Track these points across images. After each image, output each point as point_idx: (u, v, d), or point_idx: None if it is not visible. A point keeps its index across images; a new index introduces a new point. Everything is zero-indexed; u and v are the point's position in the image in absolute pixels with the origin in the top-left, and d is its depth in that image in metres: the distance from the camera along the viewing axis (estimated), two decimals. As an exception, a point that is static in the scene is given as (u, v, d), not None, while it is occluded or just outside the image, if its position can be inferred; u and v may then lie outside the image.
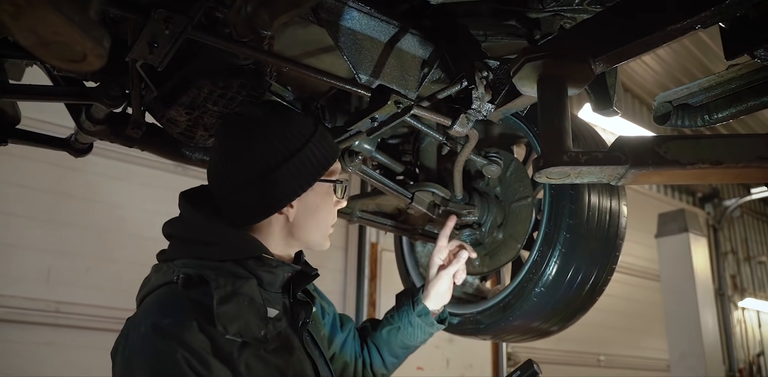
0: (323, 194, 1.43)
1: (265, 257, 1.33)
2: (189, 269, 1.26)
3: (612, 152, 1.17)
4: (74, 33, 0.84)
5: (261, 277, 1.32)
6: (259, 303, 1.27)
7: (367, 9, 1.62)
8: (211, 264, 1.28)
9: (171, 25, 1.21)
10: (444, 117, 1.57)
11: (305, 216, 1.40)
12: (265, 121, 1.37)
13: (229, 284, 1.23)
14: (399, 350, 1.75)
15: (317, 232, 1.44)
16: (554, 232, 1.77)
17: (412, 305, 1.74)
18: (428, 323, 1.74)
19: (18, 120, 1.75)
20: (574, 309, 1.85)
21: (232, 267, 1.29)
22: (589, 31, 1.35)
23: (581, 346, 8.72)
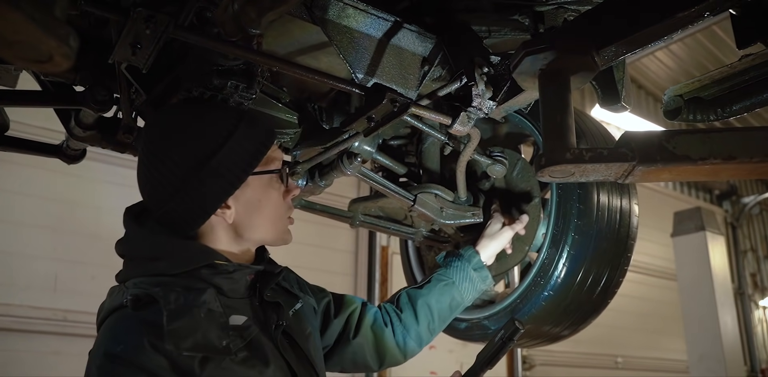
0: (263, 187, 1.33)
1: (218, 264, 1.27)
2: (137, 290, 1.20)
3: (618, 149, 1.11)
4: (36, 31, 0.80)
5: (219, 285, 1.27)
6: (219, 312, 1.20)
7: (364, 6, 1.57)
8: (163, 280, 1.23)
9: (152, 24, 1.16)
10: (444, 116, 1.52)
11: (248, 214, 1.32)
12: (179, 121, 1.29)
13: (181, 298, 1.18)
14: (448, 310, 1.72)
15: (268, 229, 1.37)
16: (562, 233, 1.71)
17: (468, 258, 1.75)
18: (484, 276, 1.75)
19: (7, 127, 1.72)
20: (586, 313, 1.79)
21: (187, 280, 1.24)
22: (592, 21, 1.29)
23: (598, 348, 8.61)
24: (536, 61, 1.23)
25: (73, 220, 4.53)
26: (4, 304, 4.27)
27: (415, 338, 1.69)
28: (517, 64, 1.25)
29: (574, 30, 1.32)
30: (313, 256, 5.93)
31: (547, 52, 1.19)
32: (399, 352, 1.68)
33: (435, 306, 1.70)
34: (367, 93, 1.46)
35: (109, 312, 1.22)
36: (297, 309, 1.44)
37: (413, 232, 2.16)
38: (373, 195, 2.12)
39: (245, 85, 1.43)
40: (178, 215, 1.26)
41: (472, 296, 1.75)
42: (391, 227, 2.18)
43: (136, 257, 1.30)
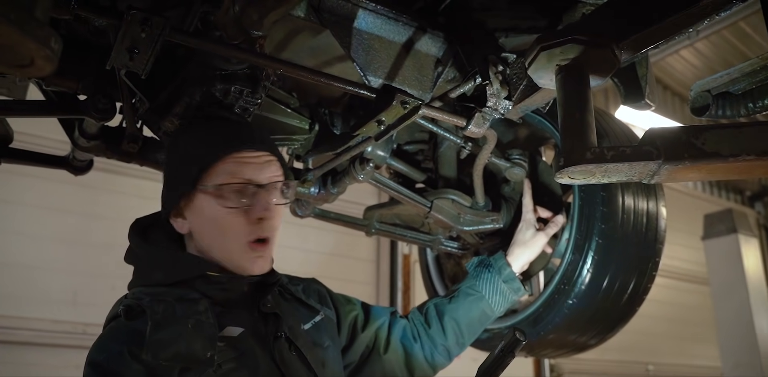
0: (211, 204, 1.24)
1: (211, 275, 1.26)
2: (131, 301, 1.21)
3: (642, 147, 1.03)
4: (12, 33, 0.76)
5: (213, 296, 1.25)
6: (209, 323, 1.18)
7: (374, 6, 1.52)
8: (158, 290, 1.23)
9: (148, 27, 1.12)
10: (458, 117, 1.45)
11: (203, 234, 1.28)
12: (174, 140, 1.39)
13: (170, 308, 1.18)
14: (478, 323, 1.67)
15: (221, 252, 1.27)
16: (586, 238, 1.63)
17: (498, 270, 1.68)
18: (515, 288, 1.69)
19: (10, 139, 1.69)
20: (612, 321, 1.71)
21: (182, 290, 1.24)
22: (611, 13, 1.22)
23: (628, 355, 8.42)
24: (553, 57, 1.16)
25: (90, 232, 4.52)
26: (24, 318, 4.28)
27: (442, 352, 1.64)
28: (533, 60, 1.19)
29: (592, 23, 1.25)
30: (334, 265, 5.89)
31: (564, 46, 1.12)
32: (428, 366, 1.63)
33: (463, 320, 1.65)
34: (376, 95, 1.40)
35: (107, 321, 1.25)
36: (317, 322, 1.41)
37: (431, 239, 2.09)
38: (388, 202, 2.06)
39: (250, 89, 1.39)
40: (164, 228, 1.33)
41: (504, 308, 1.70)
42: (408, 234, 2.11)
43: (137, 268, 1.33)
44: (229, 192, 1.24)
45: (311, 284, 1.55)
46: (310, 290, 1.52)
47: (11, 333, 4.21)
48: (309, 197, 1.84)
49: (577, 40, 1.12)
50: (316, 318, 1.42)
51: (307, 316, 1.41)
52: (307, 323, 1.39)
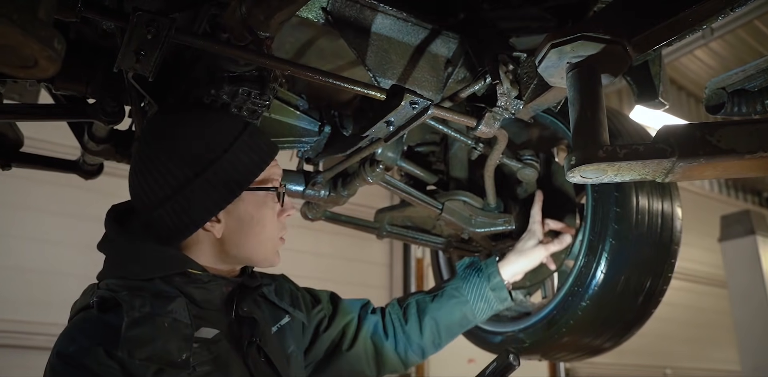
0: (258, 204, 1.27)
1: (192, 273, 1.22)
2: (105, 292, 1.16)
3: (656, 144, 1.01)
4: (16, 33, 0.76)
5: (192, 294, 1.22)
6: (185, 323, 1.14)
7: (383, 7, 1.51)
8: (134, 284, 1.18)
9: (154, 29, 1.11)
10: (468, 117, 1.43)
11: (238, 231, 1.26)
12: (180, 125, 1.25)
13: (147, 305, 1.13)
14: (457, 327, 1.65)
15: (257, 248, 1.29)
16: (599, 239, 1.60)
17: (488, 277, 1.64)
18: (501, 298, 1.65)
19: (21, 143, 1.70)
20: (628, 323, 1.68)
21: (160, 285, 1.19)
22: (622, 9, 1.20)
23: (645, 359, 8.34)
24: (563, 54, 1.14)
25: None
26: (41, 323, 4.31)
27: (416, 351, 1.62)
28: (543, 58, 1.17)
29: (603, 19, 1.23)
30: (347, 269, 5.88)
31: (574, 43, 1.11)
32: (399, 362, 1.61)
33: (443, 322, 1.62)
34: (385, 96, 1.39)
35: (76, 311, 1.20)
36: (282, 325, 1.39)
37: (442, 242, 2.07)
38: (399, 204, 2.05)
39: (258, 91, 1.38)
40: (165, 224, 1.22)
41: (487, 315, 1.66)
42: (419, 237, 2.09)
43: (112, 258, 1.27)
44: (272, 196, 1.30)
45: (283, 283, 1.52)
46: (283, 290, 1.49)
47: (28, 338, 4.24)
48: (319, 199, 1.83)
49: (588, 37, 1.10)
50: (282, 320, 1.40)
51: (275, 318, 1.39)
52: (273, 326, 1.38)
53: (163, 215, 1.21)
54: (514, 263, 1.68)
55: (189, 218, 1.21)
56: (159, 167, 1.20)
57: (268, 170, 1.29)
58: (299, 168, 1.84)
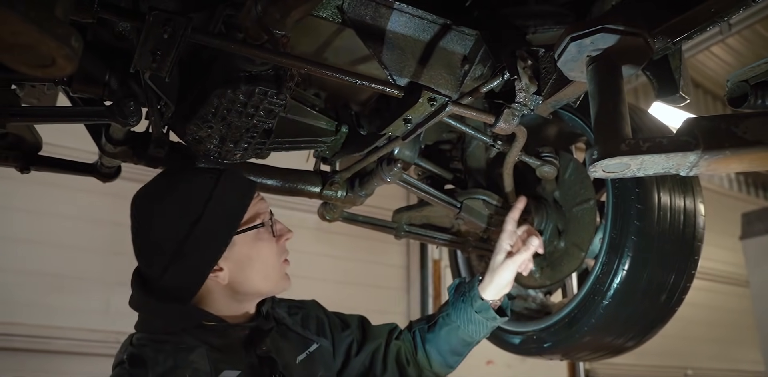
0: (251, 243, 1.37)
1: (207, 325, 1.33)
2: (134, 349, 1.29)
3: (680, 137, 0.99)
4: (33, 31, 0.76)
5: (211, 342, 1.32)
6: (205, 371, 1.26)
7: (399, 5, 1.50)
8: (159, 337, 1.30)
9: (170, 28, 1.11)
10: (486, 114, 1.42)
11: (241, 272, 1.36)
12: (158, 197, 1.35)
13: (170, 358, 1.25)
14: (461, 348, 1.67)
15: (264, 281, 1.40)
16: (621, 237, 1.58)
17: (471, 301, 1.64)
18: (489, 317, 1.64)
19: (39, 147, 1.71)
20: (651, 322, 1.66)
21: (182, 337, 1.30)
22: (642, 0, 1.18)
23: (666, 360, 8.25)
24: (583, 47, 1.13)
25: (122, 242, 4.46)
26: (59, 327, 4.34)
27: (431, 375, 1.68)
28: (562, 52, 1.15)
29: (623, 11, 1.21)
30: (364, 272, 5.87)
31: (594, 35, 1.09)
32: None
33: (444, 348, 1.66)
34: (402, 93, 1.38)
35: (114, 365, 1.32)
36: (312, 351, 1.49)
37: (461, 241, 2.05)
38: (417, 204, 2.03)
39: (274, 91, 1.37)
40: (175, 285, 1.33)
41: (484, 334, 1.67)
42: (437, 237, 2.08)
43: (141, 314, 1.37)
44: (267, 228, 1.40)
45: (311, 310, 1.61)
46: (309, 318, 1.58)
47: (47, 342, 4.27)
48: (337, 200, 1.82)
49: (608, 29, 1.09)
50: (311, 347, 1.49)
51: (302, 347, 1.48)
52: (301, 353, 1.47)
53: (169, 280, 1.32)
54: (491, 283, 1.64)
55: (192, 277, 1.33)
56: (148, 243, 1.34)
57: (252, 207, 1.38)
58: (316, 168, 1.83)
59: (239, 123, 1.45)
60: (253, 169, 1.71)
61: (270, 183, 1.73)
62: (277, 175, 1.74)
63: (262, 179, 1.71)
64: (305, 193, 1.78)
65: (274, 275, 1.41)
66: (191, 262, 1.30)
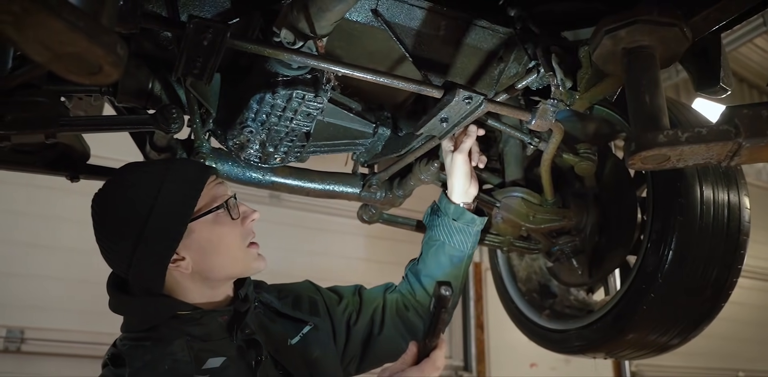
0: (210, 227, 1.33)
1: (182, 315, 1.32)
2: (114, 348, 1.30)
3: (720, 126, 0.98)
4: (81, 39, 0.78)
5: (191, 332, 1.30)
6: (186, 361, 1.25)
7: (429, 5, 1.51)
8: (138, 335, 1.30)
9: (209, 35, 1.15)
10: (522, 111, 1.42)
11: (206, 258, 1.33)
12: (111, 193, 1.34)
13: (148, 353, 1.25)
14: (454, 267, 1.62)
15: (231, 264, 1.36)
16: (663, 232, 1.56)
17: (444, 211, 1.62)
18: (468, 221, 1.60)
19: (87, 156, 1.76)
20: (696, 318, 1.64)
21: (162, 331, 1.30)
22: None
23: (716, 362, 8.04)
24: (618, 40, 1.13)
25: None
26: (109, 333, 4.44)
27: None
28: (597, 46, 1.15)
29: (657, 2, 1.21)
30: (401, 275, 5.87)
31: (629, 27, 1.09)
32: None
33: (437, 272, 1.62)
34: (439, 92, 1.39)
35: (102, 366, 1.32)
36: (305, 333, 1.46)
37: (501, 240, 2.05)
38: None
39: (312, 94, 1.39)
40: (142, 280, 1.32)
41: (472, 241, 1.62)
42: (477, 236, 2.08)
43: (121, 314, 1.36)
44: (223, 213, 1.34)
45: (302, 291, 1.58)
46: (301, 299, 1.55)
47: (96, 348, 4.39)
48: (376, 201, 1.84)
49: (643, 21, 1.08)
50: (303, 329, 1.46)
51: (294, 329, 1.46)
52: (294, 336, 1.44)
53: (135, 275, 1.30)
54: (453, 185, 1.62)
55: (153, 270, 1.30)
56: (108, 241, 1.32)
57: (207, 192, 1.34)
58: (354, 170, 1.85)
59: (278, 127, 1.48)
60: (293, 172, 1.73)
61: (310, 187, 1.75)
62: (316, 178, 1.76)
63: (303, 182, 1.74)
64: (344, 195, 1.80)
65: (241, 258, 1.37)
66: (149, 254, 1.28)
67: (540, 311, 2.12)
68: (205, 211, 1.32)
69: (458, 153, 1.61)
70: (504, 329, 4.68)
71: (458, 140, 1.62)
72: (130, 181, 1.33)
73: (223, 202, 1.34)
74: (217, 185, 1.37)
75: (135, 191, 1.30)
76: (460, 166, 1.61)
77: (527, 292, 2.25)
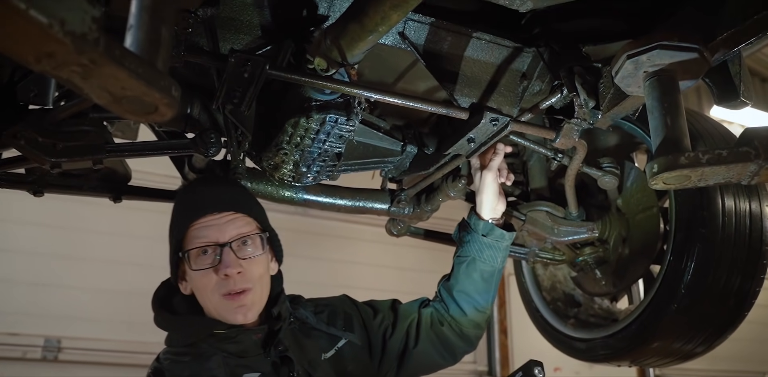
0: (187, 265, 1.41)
1: (218, 333, 1.40)
2: (157, 363, 1.40)
3: (739, 148, 1.03)
4: (141, 86, 0.85)
5: (227, 349, 1.39)
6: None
7: (456, 27, 1.56)
8: (179, 350, 1.40)
9: (249, 67, 1.21)
10: (546, 130, 1.47)
11: (194, 290, 1.43)
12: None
13: (187, 369, 1.34)
14: (485, 282, 1.65)
15: (211, 307, 1.41)
16: (685, 243, 1.60)
17: (474, 228, 1.66)
18: (498, 236, 1.64)
19: (129, 178, 1.84)
20: (719, 327, 1.66)
21: (201, 347, 1.39)
22: (698, 13, 1.22)
23: (742, 365, 7.96)
24: (639, 64, 1.17)
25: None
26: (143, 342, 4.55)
27: (470, 326, 1.66)
28: (620, 69, 1.20)
29: (677, 26, 1.25)
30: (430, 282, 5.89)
31: (650, 52, 1.13)
32: (463, 343, 1.67)
33: (470, 288, 1.65)
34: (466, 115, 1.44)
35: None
36: (340, 347, 1.52)
37: (526, 252, 2.10)
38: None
39: (344, 117, 1.45)
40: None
41: (502, 256, 1.66)
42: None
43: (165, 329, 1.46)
44: (195, 256, 1.39)
45: (338, 306, 1.63)
46: (336, 314, 1.60)
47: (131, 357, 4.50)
48: (404, 216, 1.89)
49: (664, 46, 1.12)
50: (338, 343, 1.53)
51: (329, 344, 1.52)
52: (329, 351, 1.51)
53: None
54: (482, 202, 1.67)
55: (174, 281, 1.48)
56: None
57: (194, 232, 1.40)
58: (383, 187, 1.91)
59: (312, 148, 1.54)
60: (324, 190, 1.80)
61: (340, 203, 1.81)
62: (347, 195, 1.82)
63: (334, 199, 1.80)
64: (374, 211, 1.85)
65: (213, 306, 1.40)
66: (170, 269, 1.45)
67: (565, 320, 2.16)
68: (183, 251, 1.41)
69: (487, 171, 1.66)
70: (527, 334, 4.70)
71: (486, 158, 1.67)
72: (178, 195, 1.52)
73: (189, 249, 1.39)
74: (204, 227, 1.40)
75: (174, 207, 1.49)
76: (489, 184, 1.66)
77: (552, 301, 2.29)
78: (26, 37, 0.72)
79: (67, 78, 0.79)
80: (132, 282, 4.69)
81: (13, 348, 4.32)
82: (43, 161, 1.33)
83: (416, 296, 1.74)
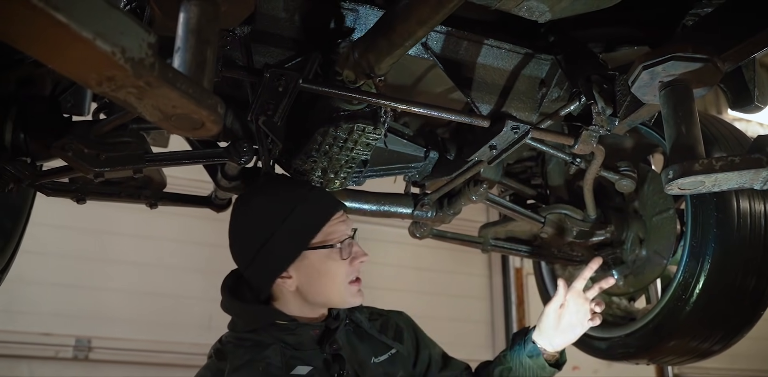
0: (321, 259, 1.46)
1: (279, 324, 1.47)
2: (219, 345, 1.48)
3: (752, 155, 1.08)
4: (190, 104, 0.91)
5: (285, 340, 1.46)
6: (277, 366, 1.41)
7: (477, 37, 1.60)
8: (241, 335, 1.48)
9: (283, 81, 1.28)
10: (565, 137, 1.52)
11: (309, 284, 1.47)
12: (248, 209, 1.50)
13: (248, 353, 1.41)
14: None
15: (331, 295, 1.49)
16: (701, 244, 1.65)
17: (524, 344, 1.61)
18: (539, 365, 1.59)
19: (164, 185, 1.92)
20: (736, 326, 1.71)
21: (261, 335, 1.46)
22: (711, 25, 1.26)
23: (760, 363, 7.90)
24: (655, 74, 1.21)
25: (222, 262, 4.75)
26: (169, 342, 4.67)
27: None
28: (636, 79, 1.25)
29: (691, 37, 1.30)
30: (447, 282, 5.97)
31: (665, 63, 1.18)
32: None
33: None
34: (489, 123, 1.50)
35: (208, 356, 1.51)
36: (393, 353, 1.57)
37: (545, 253, 2.15)
38: (501, 219, 2.15)
39: (371, 126, 1.51)
40: (252, 283, 1.51)
41: None
42: (522, 249, 2.18)
43: (230, 314, 1.54)
44: (342, 247, 1.47)
45: (391, 318, 1.68)
46: (389, 325, 1.65)
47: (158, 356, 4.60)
48: (427, 220, 1.95)
49: (678, 57, 1.17)
50: (391, 350, 1.58)
51: (381, 350, 1.58)
52: (381, 356, 1.56)
53: (249, 277, 1.50)
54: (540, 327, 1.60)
55: (262, 280, 1.48)
56: (238, 243, 1.51)
57: (329, 227, 1.47)
58: (407, 191, 1.97)
59: (339, 156, 1.61)
60: (350, 195, 1.86)
61: (366, 208, 1.88)
62: (372, 199, 1.88)
63: (360, 204, 1.86)
64: (398, 215, 1.92)
65: (340, 292, 1.48)
66: (263, 267, 1.45)
67: (584, 319, 2.19)
68: (321, 245, 1.46)
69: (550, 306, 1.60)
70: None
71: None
72: (276, 194, 1.50)
73: (338, 242, 1.47)
74: (340, 222, 1.50)
75: (274, 206, 1.46)
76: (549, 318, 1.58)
77: (571, 300, 2.33)
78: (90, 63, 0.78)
79: (124, 99, 0.85)
80: (159, 284, 4.83)
81: (46, 348, 4.44)
82: (88, 170, 1.41)
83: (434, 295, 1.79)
